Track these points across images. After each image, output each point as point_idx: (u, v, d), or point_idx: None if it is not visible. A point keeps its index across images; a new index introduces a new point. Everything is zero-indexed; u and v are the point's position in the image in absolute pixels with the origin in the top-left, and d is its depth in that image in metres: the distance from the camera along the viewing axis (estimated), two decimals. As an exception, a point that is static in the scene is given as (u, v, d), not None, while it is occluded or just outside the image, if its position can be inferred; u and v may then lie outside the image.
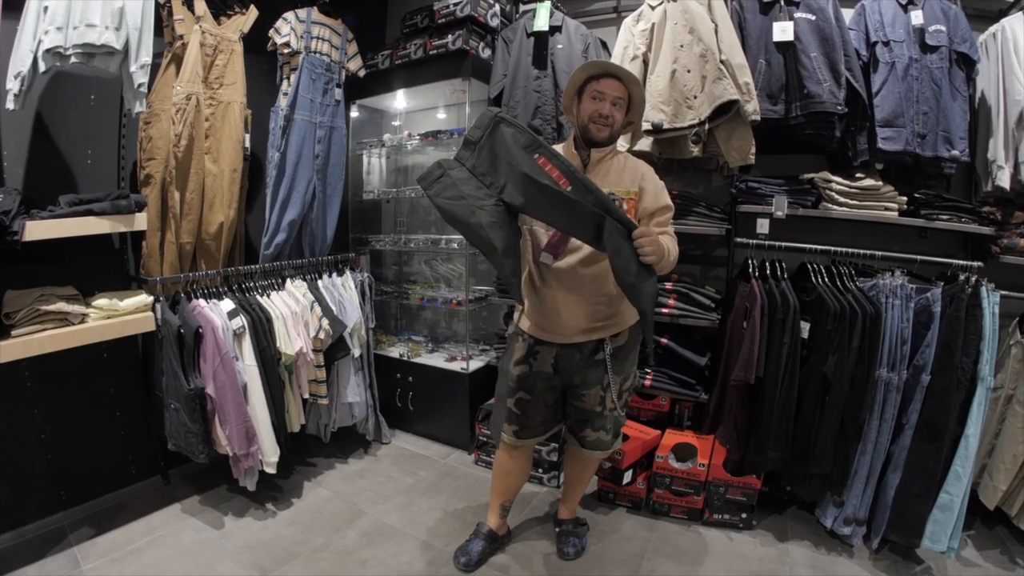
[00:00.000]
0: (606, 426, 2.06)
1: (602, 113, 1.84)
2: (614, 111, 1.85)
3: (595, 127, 1.86)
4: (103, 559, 2.18)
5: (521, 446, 2.13)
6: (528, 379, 2.02)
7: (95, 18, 1.98)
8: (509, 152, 1.70)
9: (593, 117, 1.85)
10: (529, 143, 1.70)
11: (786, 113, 2.40)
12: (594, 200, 1.66)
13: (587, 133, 1.88)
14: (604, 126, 1.86)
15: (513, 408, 2.06)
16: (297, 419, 2.67)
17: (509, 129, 1.72)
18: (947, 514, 2.13)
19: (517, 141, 1.70)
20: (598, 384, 2.00)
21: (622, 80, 1.86)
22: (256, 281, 2.70)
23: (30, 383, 2.30)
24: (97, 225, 2.12)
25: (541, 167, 1.68)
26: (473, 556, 2.19)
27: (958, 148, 2.34)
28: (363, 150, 3.61)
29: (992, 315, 2.11)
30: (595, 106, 1.85)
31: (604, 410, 2.03)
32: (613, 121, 1.86)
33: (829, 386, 2.19)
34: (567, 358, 1.98)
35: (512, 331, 2.10)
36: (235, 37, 2.61)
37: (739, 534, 2.43)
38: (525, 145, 1.70)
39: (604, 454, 2.15)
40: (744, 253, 2.50)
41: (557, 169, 1.68)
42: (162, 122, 2.43)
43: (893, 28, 2.36)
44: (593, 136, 1.87)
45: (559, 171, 1.67)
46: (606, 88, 1.85)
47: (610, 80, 1.85)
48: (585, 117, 1.87)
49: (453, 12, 2.89)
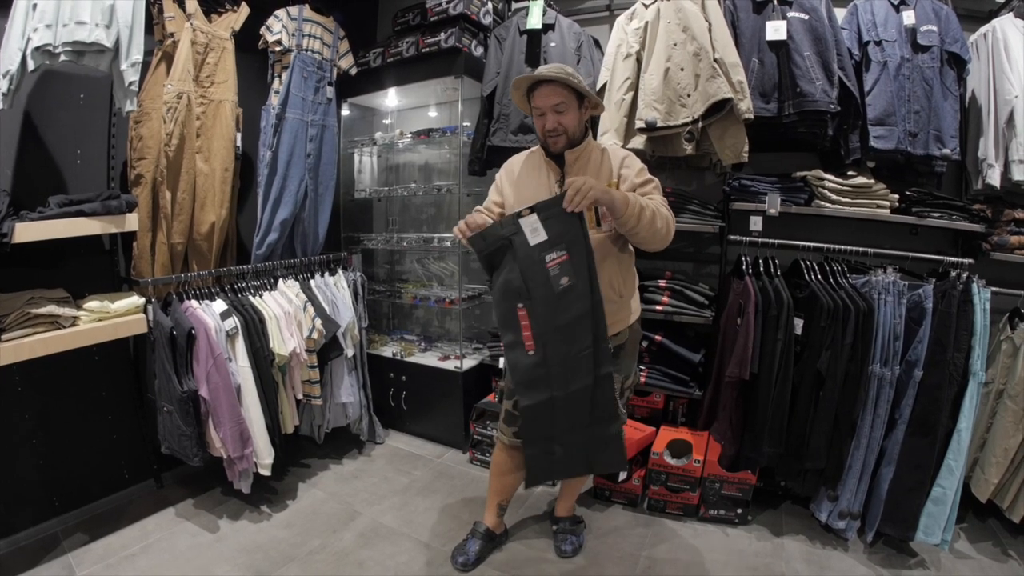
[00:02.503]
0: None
1: (548, 128, 1.83)
2: (561, 119, 1.81)
3: (551, 141, 1.86)
4: (98, 565, 2.15)
5: (520, 446, 2.13)
6: None
7: (85, 15, 1.95)
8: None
9: (545, 134, 1.86)
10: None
11: (779, 112, 2.41)
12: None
13: (548, 148, 1.89)
14: (558, 136, 1.84)
15: (512, 409, 2.05)
16: (291, 420, 2.65)
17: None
18: (940, 507, 2.16)
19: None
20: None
21: (555, 82, 1.79)
22: (248, 281, 2.68)
23: (20, 388, 2.27)
24: (87, 226, 2.09)
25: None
26: (471, 556, 2.19)
27: (949, 147, 2.37)
28: (354, 148, 3.59)
29: (983, 311, 2.13)
30: (541, 122, 1.85)
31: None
32: (564, 128, 1.83)
33: (823, 382, 2.21)
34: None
35: None
36: (226, 35, 2.58)
37: (735, 529, 2.45)
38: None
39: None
40: (737, 250, 2.52)
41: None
42: (153, 121, 2.40)
43: (885, 28, 2.38)
44: (552, 150, 1.88)
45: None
46: (540, 102, 1.82)
47: (543, 88, 1.81)
48: (541, 136, 1.88)
49: (446, 10, 2.88)
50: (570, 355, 1.75)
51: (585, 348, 1.74)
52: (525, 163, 2.01)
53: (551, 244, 1.69)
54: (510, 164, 2.05)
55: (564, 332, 1.73)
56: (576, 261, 1.70)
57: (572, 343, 1.74)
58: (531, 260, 1.71)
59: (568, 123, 1.83)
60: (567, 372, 1.75)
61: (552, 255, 1.70)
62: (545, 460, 1.86)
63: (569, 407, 1.78)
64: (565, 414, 1.79)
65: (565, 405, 1.78)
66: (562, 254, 1.70)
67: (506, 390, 2.09)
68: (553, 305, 1.72)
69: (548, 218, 1.68)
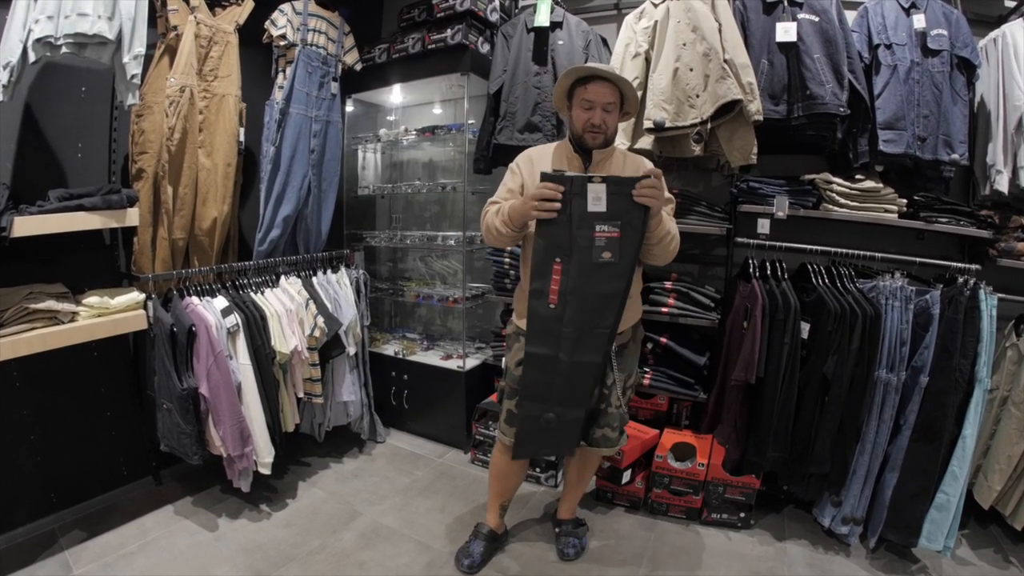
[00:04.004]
0: (612, 423, 2.05)
1: (594, 123, 1.84)
2: (606, 118, 1.84)
3: (590, 136, 1.86)
4: (95, 563, 2.13)
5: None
6: None
7: (87, 7, 1.92)
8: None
9: (587, 127, 1.85)
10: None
11: (788, 114, 2.39)
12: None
13: (583, 142, 1.89)
14: (599, 134, 1.86)
15: (514, 409, 2.02)
16: (292, 418, 2.63)
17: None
18: (944, 514, 2.15)
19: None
20: (601, 383, 1.99)
21: (610, 81, 1.84)
22: (250, 278, 2.65)
23: (18, 383, 2.24)
24: (87, 221, 2.06)
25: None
26: (476, 558, 2.18)
27: (958, 152, 2.35)
28: (358, 145, 3.56)
29: (990, 318, 2.12)
30: (587, 115, 1.85)
31: (609, 407, 2.03)
32: (606, 128, 1.86)
33: (828, 386, 2.20)
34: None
35: (511, 331, 2.08)
36: (230, 28, 2.55)
37: (737, 533, 2.44)
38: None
39: (612, 450, 2.14)
40: (743, 253, 2.50)
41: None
42: (155, 115, 2.37)
43: (895, 31, 2.37)
44: (589, 144, 1.88)
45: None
46: (594, 95, 1.83)
47: (598, 84, 1.83)
48: (579, 127, 1.87)
49: (452, 6, 2.85)
50: (587, 325, 1.79)
51: (605, 327, 1.79)
52: (544, 155, 1.99)
53: (607, 217, 1.72)
54: (528, 156, 2.02)
55: (589, 302, 1.78)
56: (625, 244, 1.74)
57: (593, 315, 1.79)
58: (583, 222, 1.73)
59: (611, 123, 1.87)
60: (579, 340, 1.79)
61: (604, 227, 1.73)
62: (535, 427, 1.89)
63: (571, 377, 1.83)
64: (566, 383, 1.84)
65: (568, 373, 1.82)
66: (615, 231, 1.73)
67: (507, 389, 2.07)
68: (588, 273, 1.76)
69: (615, 194, 1.70)
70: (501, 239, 1.91)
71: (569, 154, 1.94)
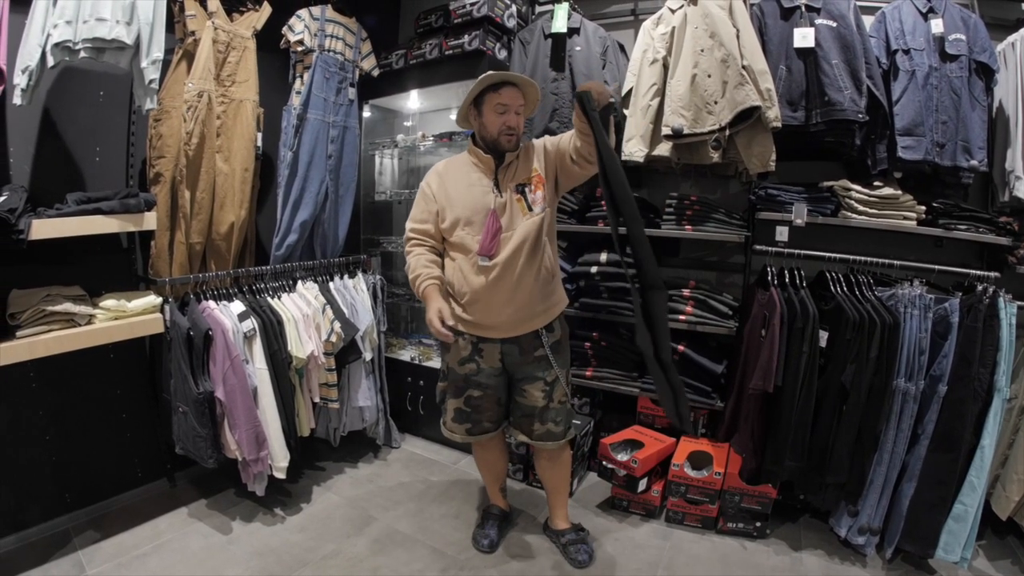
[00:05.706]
0: (555, 418, 2.12)
1: (510, 126, 1.94)
2: (519, 120, 1.97)
3: (506, 139, 1.96)
4: (109, 564, 2.14)
5: (480, 440, 2.24)
6: (478, 376, 2.10)
7: (105, 12, 1.94)
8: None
9: (503, 130, 1.95)
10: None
11: (806, 120, 2.38)
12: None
13: (499, 145, 1.97)
14: (512, 135, 1.96)
15: (463, 407, 2.15)
16: (307, 423, 2.63)
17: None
18: (961, 524, 2.12)
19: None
20: (540, 379, 2.07)
21: (519, 87, 1.95)
22: (267, 283, 2.67)
23: (35, 384, 2.25)
24: (105, 224, 2.08)
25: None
26: (494, 537, 2.33)
27: (977, 158, 2.34)
28: (375, 150, 3.56)
29: (1009, 326, 2.10)
30: (502, 119, 1.94)
31: (552, 403, 2.10)
32: (519, 130, 1.98)
33: (846, 395, 2.18)
34: (509, 354, 2.06)
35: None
36: (248, 34, 2.56)
37: (753, 543, 2.42)
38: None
39: (556, 445, 2.18)
40: (761, 260, 2.48)
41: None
42: (173, 119, 2.38)
43: (913, 36, 2.35)
44: (505, 147, 1.98)
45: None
46: (508, 99, 1.93)
47: (510, 89, 1.94)
48: (495, 131, 1.96)
49: (470, 12, 2.85)
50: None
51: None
52: (451, 169, 2.08)
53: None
54: (436, 172, 2.11)
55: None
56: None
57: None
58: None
59: (521, 126, 2.01)
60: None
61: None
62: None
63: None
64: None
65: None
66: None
67: (451, 388, 2.17)
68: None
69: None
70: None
71: (480, 157, 2.02)
